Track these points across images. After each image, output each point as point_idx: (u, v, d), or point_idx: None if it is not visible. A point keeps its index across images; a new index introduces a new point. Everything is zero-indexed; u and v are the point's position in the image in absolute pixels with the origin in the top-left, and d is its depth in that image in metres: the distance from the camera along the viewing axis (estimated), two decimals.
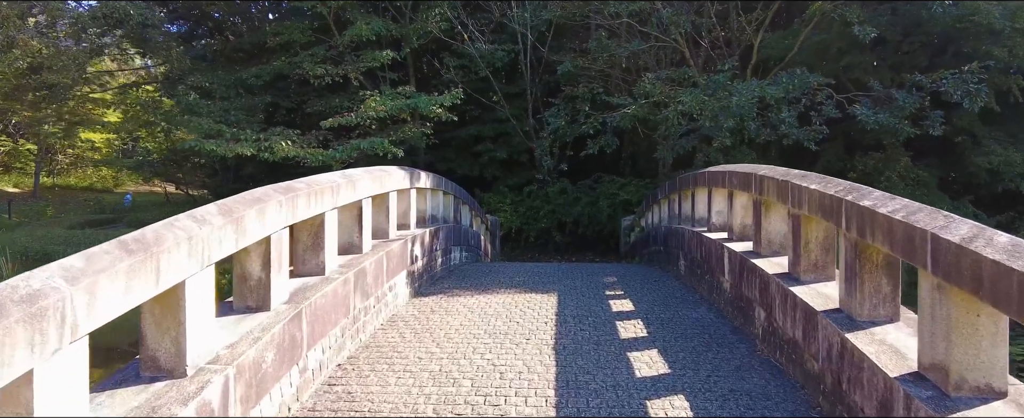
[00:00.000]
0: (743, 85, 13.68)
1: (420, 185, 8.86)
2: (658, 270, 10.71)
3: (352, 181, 6.08)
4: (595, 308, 7.25)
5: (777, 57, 17.97)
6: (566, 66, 17.24)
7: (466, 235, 12.33)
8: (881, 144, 19.50)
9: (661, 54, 20.01)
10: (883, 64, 16.70)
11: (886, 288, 4.33)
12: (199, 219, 3.76)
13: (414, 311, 7.10)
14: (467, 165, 23.68)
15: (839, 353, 4.18)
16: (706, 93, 13.80)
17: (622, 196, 21.64)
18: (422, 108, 16.69)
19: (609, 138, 16.43)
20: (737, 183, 7.10)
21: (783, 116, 13.70)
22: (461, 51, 21.82)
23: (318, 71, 18.70)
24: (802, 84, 13.85)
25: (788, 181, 5.53)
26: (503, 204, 22.37)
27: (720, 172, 7.97)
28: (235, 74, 20.88)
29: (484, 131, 23.18)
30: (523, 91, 22.89)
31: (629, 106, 15.24)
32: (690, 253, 8.82)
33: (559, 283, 8.95)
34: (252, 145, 17.25)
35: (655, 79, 14.76)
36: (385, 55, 18.55)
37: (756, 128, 13.79)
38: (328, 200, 5.47)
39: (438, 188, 10.29)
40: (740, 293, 6.46)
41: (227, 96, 21.00)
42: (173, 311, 3.53)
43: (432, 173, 9.85)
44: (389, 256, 6.84)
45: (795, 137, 13.80)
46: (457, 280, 9.24)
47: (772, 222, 6.32)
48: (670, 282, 9.16)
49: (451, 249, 10.63)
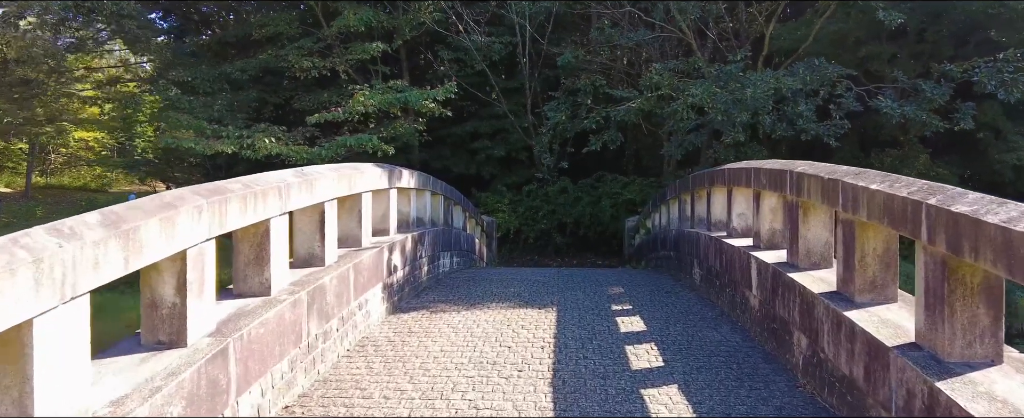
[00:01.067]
0: (757, 76, 12.67)
1: (402, 185, 7.86)
2: (669, 278, 9.70)
3: (309, 181, 5.08)
4: (600, 327, 6.24)
5: (789, 48, 16.94)
6: (566, 57, 16.17)
7: (458, 239, 11.33)
8: (897, 140, 18.53)
9: (666, 46, 18.99)
10: (904, 55, 15.67)
11: (984, 319, 3.33)
12: (65, 233, 2.75)
13: (389, 332, 6.09)
14: (463, 163, 22.65)
15: (927, 405, 3.17)
16: (717, 85, 12.78)
17: (625, 195, 20.62)
18: (413, 103, 15.62)
19: (613, 133, 15.35)
20: (766, 182, 6.09)
21: (801, 109, 12.68)
22: (456, 44, 20.79)
23: (304, 64, 17.66)
24: (821, 75, 12.83)
25: (837, 180, 4.52)
26: (501, 204, 21.37)
27: (743, 169, 6.96)
28: (219, 68, 19.85)
29: (481, 128, 22.15)
30: (521, 86, 21.86)
31: (634, 99, 14.17)
32: (707, 261, 7.81)
33: (559, 294, 7.95)
34: (234, 142, 16.24)
35: (663, 69, 13.71)
36: (375, 47, 17.51)
37: (771, 123, 12.77)
38: (273, 204, 4.47)
39: (425, 188, 9.28)
40: (772, 312, 5.46)
41: (211, 91, 19.98)
42: (14, 363, 2.53)
43: (418, 172, 8.84)
44: (359, 268, 5.83)
45: (814, 132, 12.78)
46: (444, 291, 8.24)
47: (812, 228, 5.31)
48: (684, 294, 8.15)
49: (439, 255, 9.63)
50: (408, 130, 17.59)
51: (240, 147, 16.25)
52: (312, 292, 4.80)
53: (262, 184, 4.46)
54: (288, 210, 4.73)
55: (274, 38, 20.10)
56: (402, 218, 8.28)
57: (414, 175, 8.51)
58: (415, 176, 8.55)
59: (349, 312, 5.63)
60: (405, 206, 8.34)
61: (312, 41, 18.56)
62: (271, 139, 16.15)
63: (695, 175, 8.99)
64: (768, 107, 12.52)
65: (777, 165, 6.01)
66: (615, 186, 21.28)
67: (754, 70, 15.59)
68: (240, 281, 4.52)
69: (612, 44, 18.50)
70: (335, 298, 5.26)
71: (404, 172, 7.97)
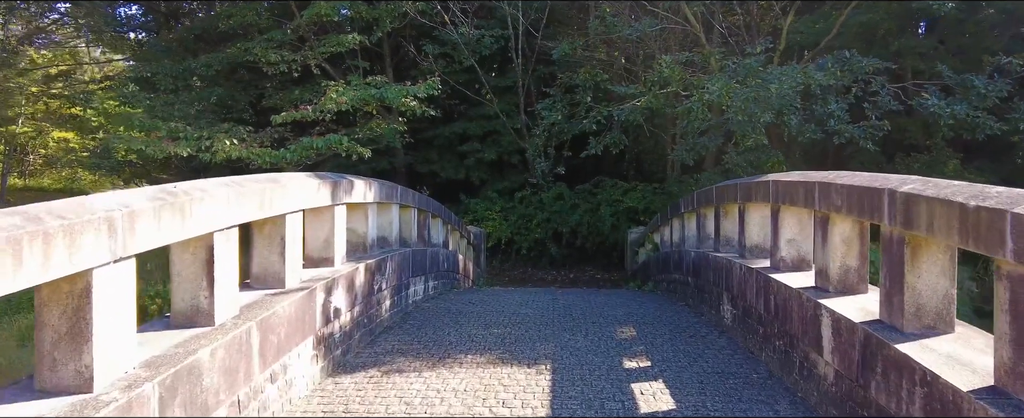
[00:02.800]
0: (782, 70, 11.00)
1: (354, 199, 6.15)
2: (688, 312, 8.00)
3: (179, 204, 3.37)
4: (610, 402, 4.55)
5: (809, 43, 15.25)
6: (563, 47, 14.43)
7: (436, 259, 9.63)
8: (924, 144, 16.95)
9: (670, 39, 17.32)
10: (942, 48, 14.00)
11: None
12: None
13: (317, 411, 4.39)
14: (451, 167, 20.95)
15: None
16: (736, 80, 11.12)
17: (627, 203, 18.94)
18: (392, 100, 13.83)
19: (616, 135, 13.61)
20: (842, 203, 4.40)
21: (832, 108, 11.00)
22: (444, 37, 19.08)
23: (272, 58, 15.89)
24: (855, 69, 11.16)
25: (1000, 211, 2.84)
26: (491, 212, 19.67)
27: (798, 183, 5.27)
28: (184, 64, 18.09)
29: (470, 129, 20.44)
30: (514, 84, 20.16)
31: (640, 96, 12.46)
32: (743, 298, 6.13)
33: (554, 340, 6.26)
34: (192, 144, 14.50)
35: (672, 63, 12.01)
36: (351, 39, 15.75)
37: (798, 123, 11.10)
38: (94, 245, 2.76)
39: (391, 201, 7.58)
40: (865, 396, 3.77)
41: (174, 89, 18.25)
42: None
43: (379, 181, 7.12)
44: (269, 326, 4.12)
45: (848, 135, 11.11)
46: (410, 335, 6.54)
47: (925, 275, 3.63)
48: (712, 338, 6.46)
49: (410, 282, 7.93)
50: (387, 131, 15.85)
51: (198, 149, 14.52)
52: (175, 377, 3.10)
53: (83, 212, 2.76)
54: (132, 253, 3.03)
55: (244, 31, 18.39)
56: (355, 241, 6.57)
57: (374, 185, 6.80)
58: (375, 186, 6.83)
59: (253, 389, 3.92)
60: (360, 225, 6.63)
61: (282, 33, 16.82)
62: (232, 141, 14.40)
63: (722, 187, 7.30)
64: (796, 105, 10.85)
65: (859, 180, 4.33)
66: (615, 192, 19.61)
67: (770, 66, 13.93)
68: (45, 370, 2.82)
69: (610, 37, 16.84)
70: (223, 378, 3.54)
71: (357, 182, 6.26)
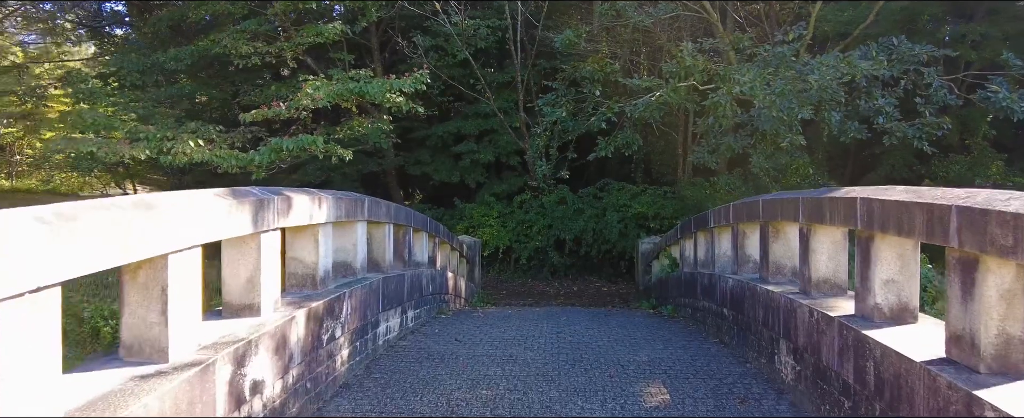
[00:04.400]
0: (821, 59, 9.47)
1: (294, 222, 4.61)
2: (728, 357, 6.45)
3: None
4: None
5: (840, 33, 13.70)
6: (567, 34, 12.83)
7: (417, 284, 8.11)
8: (964, 144, 15.45)
9: (682, 28, 15.79)
10: (994, 35, 12.45)
11: None
12: None
13: None
14: (445, 170, 19.44)
15: None
16: (767, 70, 9.59)
17: (635, 208, 17.42)
18: (373, 95, 12.26)
19: (628, 134, 12.00)
20: (1006, 240, 2.86)
21: (880, 103, 9.47)
22: (436, 29, 17.58)
23: (244, 49, 14.35)
24: (905, 57, 9.63)
25: None
26: (488, 217, 18.16)
27: (903, 203, 3.71)
28: (151, 57, 16.56)
29: (466, 128, 18.93)
30: (512, 79, 18.65)
31: (658, 89, 10.88)
32: (812, 353, 4.59)
33: (562, 408, 4.74)
34: (154, 145, 12.99)
35: (694, 51, 10.43)
36: (332, 29, 14.22)
37: (840, 121, 9.57)
38: None
39: (354, 218, 6.04)
40: None
41: (142, 84, 16.76)
42: None
43: (335, 194, 5.57)
44: None
45: (901, 135, 9.58)
46: (370, 400, 5.01)
47: None
48: (769, 403, 4.92)
49: (380, 319, 6.40)
50: (372, 130, 14.31)
51: (160, 151, 13.01)
52: None
53: None
54: None
55: (218, 22, 16.89)
56: (302, 273, 5.05)
57: (326, 201, 5.26)
58: (328, 202, 5.29)
59: None
60: (308, 252, 5.10)
61: (257, 23, 15.28)
62: (197, 142, 12.87)
63: (772, 201, 5.75)
64: (840, 99, 9.31)
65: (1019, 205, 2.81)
66: (623, 197, 18.09)
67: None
68: None
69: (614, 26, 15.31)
70: None
71: (297, 199, 4.70)
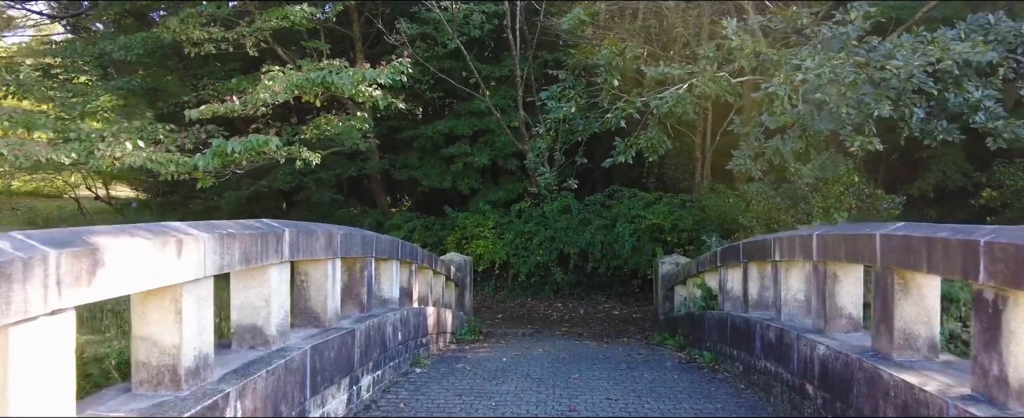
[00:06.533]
0: (903, 40, 7.41)
1: (108, 288, 2.47)
2: None
3: None
4: None
5: (895, 19, 11.56)
6: (577, 13, 10.64)
7: (380, 337, 5.96)
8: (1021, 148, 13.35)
9: (702, 14, 13.69)
10: None
11: None
12: None
13: None
14: (436, 174, 17.35)
15: None
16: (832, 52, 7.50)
17: (649, 219, 15.30)
18: (340, 87, 10.03)
19: (655, 135, 9.77)
20: None
21: (976, 96, 7.39)
22: (423, 15, 15.49)
23: (197, 35, 12.23)
24: (1006, 38, 7.55)
25: None
26: (483, 228, 16.05)
27: None
28: (96, 45, 14.45)
29: (458, 127, 16.84)
30: (511, 73, 16.58)
31: (692, 78, 8.68)
32: None
33: None
34: (81, 148, 10.85)
35: (739, 29, 8.28)
36: (300, 11, 12.11)
37: (923, 120, 7.51)
38: None
39: (266, 260, 3.90)
40: None
41: (88, 76, 14.66)
42: None
43: (221, 228, 3.44)
44: None
45: (1010, 135, 7.51)
46: None
47: None
48: None
49: (311, 405, 4.27)
50: (345, 129, 12.17)
51: (88, 154, 10.88)
52: None
53: None
54: None
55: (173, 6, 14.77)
56: (157, 364, 2.91)
57: (201, 240, 3.11)
58: (206, 241, 3.14)
59: None
60: (167, 329, 2.95)
61: (215, 5, 13.14)
62: (135, 143, 10.72)
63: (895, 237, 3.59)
64: (931, 89, 7.23)
65: None
66: (635, 206, 15.98)
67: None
68: None
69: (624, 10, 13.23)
70: None
71: (114, 250, 2.55)
